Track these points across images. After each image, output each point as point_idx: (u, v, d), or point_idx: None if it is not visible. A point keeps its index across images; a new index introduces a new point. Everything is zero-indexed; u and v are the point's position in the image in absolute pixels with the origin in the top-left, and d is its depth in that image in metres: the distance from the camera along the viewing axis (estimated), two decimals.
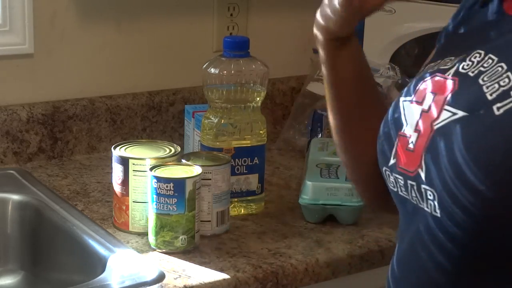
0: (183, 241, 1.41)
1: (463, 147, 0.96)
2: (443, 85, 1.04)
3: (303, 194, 1.57)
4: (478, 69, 1.01)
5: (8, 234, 1.62)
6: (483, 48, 1.03)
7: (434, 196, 1.00)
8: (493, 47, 1.02)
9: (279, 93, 2.11)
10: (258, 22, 2.08)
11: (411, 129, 1.05)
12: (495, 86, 0.97)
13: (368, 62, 2.10)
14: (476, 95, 0.98)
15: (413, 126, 1.04)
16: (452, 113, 1.00)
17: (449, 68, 1.05)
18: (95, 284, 1.32)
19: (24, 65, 1.82)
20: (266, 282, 1.38)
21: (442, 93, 1.03)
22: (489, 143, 0.94)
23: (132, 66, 1.94)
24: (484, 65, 1.01)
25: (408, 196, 1.05)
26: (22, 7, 1.77)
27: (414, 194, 1.04)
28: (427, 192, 1.01)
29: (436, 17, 1.93)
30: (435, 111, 1.02)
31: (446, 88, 1.03)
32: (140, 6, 1.92)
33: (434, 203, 1.00)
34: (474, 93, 0.98)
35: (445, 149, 0.98)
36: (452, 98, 1.01)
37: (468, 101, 0.99)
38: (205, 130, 1.60)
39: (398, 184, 1.07)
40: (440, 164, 0.98)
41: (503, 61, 0.99)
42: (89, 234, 1.47)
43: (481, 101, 0.97)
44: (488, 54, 1.01)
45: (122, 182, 1.48)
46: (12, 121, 1.78)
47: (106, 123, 1.89)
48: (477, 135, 0.95)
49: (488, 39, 1.05)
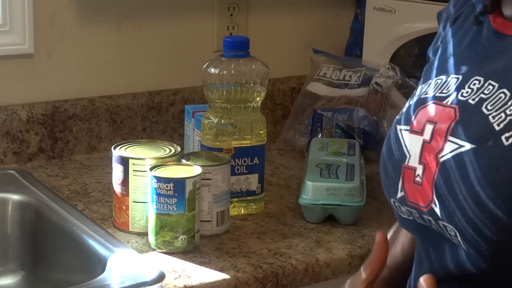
0: (183, 241, 1.41)
1: (479, 180, 0.93)
2: (442, 114, 1.00)
3: (303, 194, 1.57)
4: (479, 96, 0.97)
5: (8, 234, 1.62)
6: (480, 74, 0.99)
7: (455, 232, 0.96)
8: (491, 72, 0.98)
9: (279, 93, 2.11)
10: (258, 22, 2.08)
11: (415, 161, 1.01)
12: (502, 115, 0.94)
13: (368, 62, 2.11)
14: (482, 126, 0.95)
15: (417, 158, 1.01)
16: (458, 145, 0.96)
17: (447, 96, 1.01)
18: (95, 284, 1.32)
19: (24, 65, 1.82)
20: (266, 282, 1.38)
21: (443, 122, 0.99)
22: (504, 176, 0.91)
23: (132, 66, 1.94)
24: (484, 92, 0.97)
25: (428, 224, 1.02)
26: (22, 7, 1.77)
27: (434, 226, 1.00)
28: (447, 228, 0.98)
29: (436, 17, 1.93)
30: (438, 142, 0.99)
31: (446, 118, 0.99)
32: (140, 6, 1.92)
33: (457, 239, 0.96)
34: (480, 124, 0.95)
35: (462, 183, 0.94)
36: (455, 128, 0.97)
37: (475, 132, 0.95)
38: (205, 130, 1.60)
39: (414, 215, 1.03)
40: (458, 198, 0.95)
41: (504, 87, 0.96)
42: (89, 234, 1.47)
43: (488, 132, 0.94)
44: (487, 81, 0.98)
45: (122, 182, 1.48)
46: (12, 121, 1.78)
47: (106, 123, 1.89)
48: (490, 168, 0.92)
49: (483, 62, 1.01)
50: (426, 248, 1.05)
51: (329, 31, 2.20)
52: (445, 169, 0.97)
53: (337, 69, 2.06)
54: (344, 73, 2.05)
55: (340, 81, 2.04)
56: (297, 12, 2.14)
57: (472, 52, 1.04)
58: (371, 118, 1.93)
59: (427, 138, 1.00)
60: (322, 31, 2.19)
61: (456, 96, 1.00)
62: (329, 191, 1.56)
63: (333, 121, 1.93)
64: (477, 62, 1.02)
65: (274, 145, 1.99)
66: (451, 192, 0.96)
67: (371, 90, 1.97)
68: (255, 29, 2.07)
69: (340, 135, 1.92)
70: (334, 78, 2.05)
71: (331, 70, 2.07)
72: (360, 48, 2.11)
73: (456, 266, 0.99)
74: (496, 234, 0.92)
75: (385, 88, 1.98)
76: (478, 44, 1.04)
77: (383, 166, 1.09)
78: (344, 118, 1.94)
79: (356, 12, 2.21)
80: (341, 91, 2.01)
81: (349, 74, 2.04)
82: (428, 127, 1.01)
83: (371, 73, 2.01)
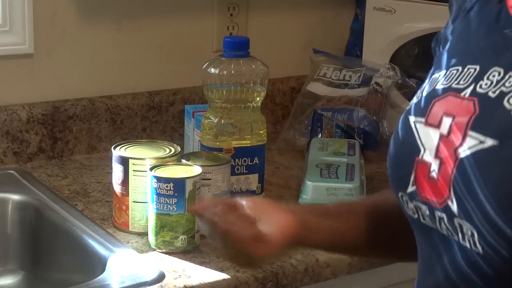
0: (183, 241, 1.41)
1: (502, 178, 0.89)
2: (460, 107, 0.96)
3: (303, 194, 1.57)
4: (499, 89, 0.93)
5: (8, 234, 1.62)
6: (500, 64, 0.95)
7: (472, 232, 0.92)
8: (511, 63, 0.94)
9: (279, 93, 2.11)
10: (258, 22, 2.08)
11: (431, 155, 0.97)
12: None
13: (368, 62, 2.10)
14: (506, 121, 0.90)
15: (432, 152, 0.96)
16: (479, 140, 0.92)
17: (464, 88, 0.97)
18: (95, 284, 1.32)
19: (24, 65, 1.82)
20: (266, 282, 1.38)
21: (462, 115, 0.95)
22: None
23: (132, 66, 1.94)
24: (506, 85, 0.93)
25: (435, 226, 0.98)
26: (22, 7, 1.77)
27: (444, 226, 0.96)
28: (462, 227, 0.93)
29: (436, 17, 1.93)
30: (457, 136, 0.94)
31: (465, 111, 0.95)
32: (140, 6, 1.92)
33: (474, 239, 0.92)
34: (503, 119, 0.91)
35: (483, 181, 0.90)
36: (475, 122, 0.93)
37: (498, 127, 0.91)
38: (205, 130, 1.60)
39: (420, 212, 1.00)
40: (478, 197, 0.91)
41: None
42: (89, 234, 1.47)
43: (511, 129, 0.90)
44: (508, 73, 0.93)
45: (122, 182, 1.48)
46: (12, 121, 1.78)
47: (106, 123, 1.89)
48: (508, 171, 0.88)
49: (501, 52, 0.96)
50: (436, 252, 1.00)
51: (329, 31, 2.20)
52: (464, 166, 0.92)
53: (337, 69, 2.06)
54: (344, 73, 2.05)
55: (340, 81, 2.04)
56: (297, 12, 2.14)
57: (490, 41, 0.99)
58: (371, 118, 1.93)
59: (444, 132, 0.96)
60: (322, 31, 2.19)
61: (474, 88, 0.96)
62: (329, 191, 1.56)
63: (333, 121, 1.93)
64: (495, 52, 0.97)
65: (274, 145, 1.99)
66: (470, 190, 0.91)
67: (371, 90, 1.97)
68: (255, 29, 2.07)
69: (340, 135, 1.92)
70: (334, 78, 2.05)
71: (331, 70, 2.07)
72: (360, 48, 2.11)
73: (472, 268, 0.94)
74: None
75: (385, 88, 1.98)
76: (495, 33, 0.99)
77: (392, 158, 1.04)
78: (344, 118, 1.94)
79: (356, 12, 2.21)
80: (341, 91, 2.01)
81: (349, 74, 2.04)
82: (445, 121, 0.96)
83: (371, 73, 2.01)
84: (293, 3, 2.13)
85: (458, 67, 1.01)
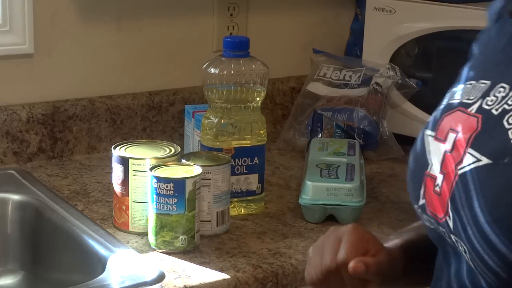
0: (183, 241, 1.41)
1: (484, 204, 0.88)
2: (465, 123, 0.95)
3: (303, 194, 1.57)
4: (502, 106, 0.91)
5: (8, 234, 1.62)
6: (506, 81, 0.93)
7: (465, 250, 0.92)
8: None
9: (279, 93, 2.11)
10: (258, 22, 2.08)
11: (437, 169, 0.97)
12: None
13: (368, 62, 2.11)
14: (501, 141, 0.89)
15: (438, 167, 0.97)
16: (476, 158, 0.91)
17: (472, 103, 0.95)
18: (95, 284, 1.32)
19: (24, 65, 1.82)
20: (266, 282, 1.38)
21: (464, 132, 0.94)
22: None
23: (132, 66, 1.94)
24: (508, 102, 0.91)
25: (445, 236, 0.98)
26: (22, 7, 1.77)
27: (449, 239, 0.97)
28: (458, 243, 0.94)
29: (436, 17, 1.93)
30: (459, 153, 0.94)
31: (469, 127, 0.94)
32: (140, 6, 1.92)
33: (467, 256, 0.93)
34: (499, 138, 0.90)
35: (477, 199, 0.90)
36: (475, 140, 0.92)
37: (493, 147, 0.90)
38: (205, 130, 1.60)
39: (434, 224, 1.00)
40: (462, 219, 0.91)
41: None
42: (89, 234, 1.47)
43: (506, 148, 0.88)
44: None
45: (122, 182, 1.48)
46: (12, 121, 1.78)
47: (106, 123, 1.89)
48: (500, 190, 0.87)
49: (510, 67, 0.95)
50: (447, 261, 1.01)
51: (329, 31, 2.20)
52: (461, 183, 0.92)
53: (337, 69, 2.06)
54: (344, 73, 2.05)
55: (340, 81, 2.04)
56: (297, 12, 2.14)
57: (504, 56, 0.98)
58: (371, 118, 1.93)
59: (448, 148, 0.96)
60: (322, 31, 2.19)
61: (481, 104, 0.94)
62: (329, 191, 1.56)
63: (333, 121, 1.93)
64: (505, 67, 0.96)
65: (274, 145, 1.99)
66: (466, 207, 0.91)
67: (371, 90, 1.97)
68: (255, 29, 2.07)
69: (340, 135, 1.92)
70: (334, 78, 2.05)
71: (331, 70, 2.07)
72: (360, 48, 2.11)
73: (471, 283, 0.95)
74: (499, 266, 0.88)
75: (385, 88, 1.97)
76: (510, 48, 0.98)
77: (409, 171, 1.04)
78: (344, 118, 1.94)
79: (356, 12, 2.21)
80: (341, 91, 2.01)
81: (349, 74, 2.04)
82: (450, 136, 0.96)
83: (371, 73, 2.01)
84: (293, 3, 2.13)
85: (473, 81, 0.99)
